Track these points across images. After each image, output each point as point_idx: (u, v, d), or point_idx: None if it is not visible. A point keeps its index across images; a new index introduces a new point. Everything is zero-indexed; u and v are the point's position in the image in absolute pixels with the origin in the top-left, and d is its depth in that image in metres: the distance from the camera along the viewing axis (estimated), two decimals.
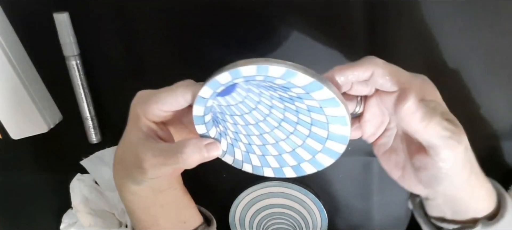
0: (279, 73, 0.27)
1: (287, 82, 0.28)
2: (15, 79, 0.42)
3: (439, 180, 0.31)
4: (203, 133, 0.32)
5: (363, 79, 0.30)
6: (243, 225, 0.56)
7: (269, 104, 0.33)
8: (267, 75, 0.27)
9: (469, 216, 0.34)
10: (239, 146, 0.35)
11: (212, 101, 0.30)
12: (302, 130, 0.33)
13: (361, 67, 0.30)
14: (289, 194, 0.52)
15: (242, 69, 0.27)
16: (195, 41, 0.43)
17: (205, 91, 0.29)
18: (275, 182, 0.51)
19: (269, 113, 0.34)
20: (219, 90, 0.29)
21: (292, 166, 0.35)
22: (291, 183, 0.51)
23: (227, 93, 0.31)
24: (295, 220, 0.55)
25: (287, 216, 0.55)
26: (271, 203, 0.54)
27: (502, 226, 0.33)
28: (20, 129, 0.46)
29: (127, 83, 0.46)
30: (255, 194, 0.52)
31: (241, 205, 0.53)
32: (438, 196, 0.34)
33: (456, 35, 0.40)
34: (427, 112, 0.28)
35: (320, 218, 0.53)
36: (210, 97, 0.29)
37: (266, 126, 0.34)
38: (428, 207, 0.37)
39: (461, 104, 0.44)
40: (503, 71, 0.42)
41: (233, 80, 0.28)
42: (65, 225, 0.53)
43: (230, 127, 0.34)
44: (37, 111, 0.44)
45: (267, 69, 0.26)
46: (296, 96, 0.30)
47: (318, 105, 0.30)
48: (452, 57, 0.41)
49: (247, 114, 0.34)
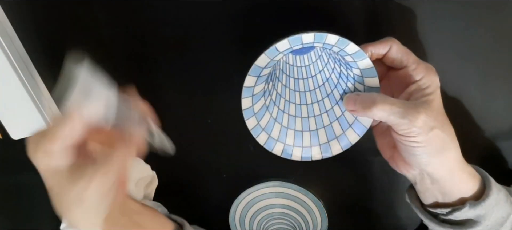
0: (334, 41, 0.32)
1: (340, 50, 0.34)
2: (15, 79, 0.42)
3: (413, 154, 0.35)
4: (248, 106, 0.36)
5: (382, 53, 0.36)
6: (243, 225, 0.56)
7: (327, 76, 0.39)
8: (324, 43, 0.33)
9: (457, 198, 0.38)
10: (280, 120, 0.39)
11: (282, 56, 0.34)
12: (339, 108, 0.40)
13: (381, 43, 0.35)
14: (289, 194, 0.52)
15: (303, 36, 0.32)
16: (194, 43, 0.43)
17: (262, 60, 0.33)
18: (275, 182, 0.51)
19: (321, 85, 0.40)
20: (277, 57, 0.34)
21: (321, 144, 0.40)
22: (291, 183, 0.51)
23: (302, 52, 0.39)
24: (295, 220, 0.55)
25: (287, 216, 0.55)
26: (271, 203, 0.54)
27: (489, 204, 0.37)
28: (20, 129, 0.46)
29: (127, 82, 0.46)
30: (255, 194, 0.52)
31: (241, 205, 0.53)
32: (424, 178, 0.38)
33: (456, 35, 0.40)
34: (372, 101, 0.34)
35: (320, 218, 0.53)
36: (265, 66, 0.33)
37: (310, 98, 0.40)
38: (422, 196, 0.41)
39: (460, 104, 0.44)
40: (502, 71, 0.42)
41: (292, 47, 0.33)
42: (65, 225, 0.53)
43: (278, 88, 0.39)
44: (37, 111, 0.44)
45: (324, 37, 0.32)
46: (346, 69, 0.37)
47: (360, 73, 0.36)
48: (452, 57, 0.41)
49: (303, 79, 0.40)
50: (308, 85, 0.40)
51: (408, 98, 0.35)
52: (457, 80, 0.43)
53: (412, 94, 0.35)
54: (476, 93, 0.43)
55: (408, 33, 0.40)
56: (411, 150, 0.35)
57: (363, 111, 0.35)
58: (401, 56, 0.35)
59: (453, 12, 0.39)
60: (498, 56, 0.41)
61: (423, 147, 0.34)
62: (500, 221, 0.38)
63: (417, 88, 0.35)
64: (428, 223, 0.41)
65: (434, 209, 0.40)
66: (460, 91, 0.43)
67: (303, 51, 0.39)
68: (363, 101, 0.35)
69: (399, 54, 0.35)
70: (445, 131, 0.35)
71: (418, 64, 0.35)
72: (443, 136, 0.34)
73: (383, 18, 0.40)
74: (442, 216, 0.39)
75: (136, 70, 0.45)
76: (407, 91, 0.36)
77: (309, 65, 0.40)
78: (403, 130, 0.34)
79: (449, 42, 0.41)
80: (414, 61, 0.35)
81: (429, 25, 0.40)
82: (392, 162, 0.40)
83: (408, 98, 0.35)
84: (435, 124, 0.34)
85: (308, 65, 0.39)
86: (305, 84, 0.40)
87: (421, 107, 0.33)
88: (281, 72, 0.40)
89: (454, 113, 0.36)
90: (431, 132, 0.34)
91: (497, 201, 0.37)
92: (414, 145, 0.34)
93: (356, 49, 0.33)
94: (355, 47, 0.33)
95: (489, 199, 0.37)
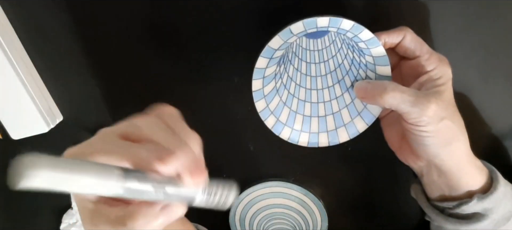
0: (348, 26, 0.32)
1: (355, 36, 0.33)
2: (15, 79, 0.42)
3: (422, 144, 0.35)
4: (258, 88, 0.36)
5: (396, 42, 0.35)
6: (243, 225, 0.56)
7: (339, 62, 0.39)
8: (339, 28, 0.33)
9: (464, 191, 0.38)
10: (290, 104, 0.39)
11: (295, 39, 0.34)
12: (350, 96, 0.40)
13: (395, 31, 0.35)
14: (289, 194, 0.52)
15: (318, 20, 0.32)
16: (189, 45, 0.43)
17: (275, 41, 0.33)
18: (275, 182, 0.51)
19: (333, 71, 0.40)
20: (291, 40, 0.33)
21: (329, 131, 0.40)
22: (291, 183, 0.51)
23: (316, 36, 0.38)
24: (295, 220, 0.55)
25: (287, 216, 0.55)
26: (271, 203, 0.54)
27: (496, 197, 0.37)
28: (20, 129, 0.46)
29: (128, 82, 0.46)
30: (255, 194, 0.52)
31: (241, 205, 0.53)
32: (432, 170, 0.38)
33: (456, 35, 0.40)
34: (385, 88, 0.33)
35: (320, 218, 0.53)
36: (278, 48, 0.33)
37: (321, 83, 0.40)
38: (428, 189, 0.40)
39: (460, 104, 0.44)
40: (503, 71, 0.42)
41: (306, 30, 0.33)
42: (65, 225, 0.53)
43: (290, 71, 0.39)
44: (37, 111, 0.44)
45: (340, 22, 0.32)
46: (358, 56, 0.37)
47: (372, 61, 0.36)
48: (452, 57, 0.41)
49: (315, 63, 0.40)
50: (319, 70, 0.40)
51: (419, 88, 0.35)
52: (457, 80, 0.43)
53: (423, 84, 0.35)
54: (476, 93, 0.43)
55: (412, 30, 0.40)
56: (421, 140, 0.35)
57: (373, 98, 0.35)
58: (414, 45, 0.35)
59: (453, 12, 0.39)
60: (498, 56, 0.41)
61: (433, 137, 0.34)
62: (508, 215, 0.37)
63: (429, 79, 0.35)
64: (434, 218, 0.40)
65: (440, 203, 0.39)
66: (460, 91, 0.43)
67: (317, 35, 0.39)
68: (374, 88, 0.35)
69: (412, 43, 0.35)
70: (455, 122, 0.35)
71: (431, 55, 0.35)
72: (452, 127, 0.34)
73: (384, 19, 0.40)
74: (449, 210, 0.39)
75: (136, 70, 0.45)
76: (418, 81, 0.35)
77: (322, 49, 0.39)
78: (413, 119, 0.33)
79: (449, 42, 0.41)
80: (427, 51, 0.35)
81: (429, 25, 0.40)
82: (400, 153, 0.40)
83: (419, 88, 0.35)
84: (445, 114, 0.33)
85: (321, 49, 0.39)
86: (317, 69, 0.40)
87: (432, 97, 0.33)
88: (294, 55, 0.40)
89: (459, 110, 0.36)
90: (441, 122, 0.33)
91: (504, 195, 0.37)
92: (423, 135, 0.34)
93: (370, 36, 0.33)
94: (370, 34, 0.33)
95: (497, 192, 0.36)
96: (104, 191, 0.21)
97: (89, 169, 0.21)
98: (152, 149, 0.23)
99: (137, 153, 0.23)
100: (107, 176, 0.21)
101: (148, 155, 0.23)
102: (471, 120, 0.44)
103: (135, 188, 0.22)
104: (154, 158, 0.22)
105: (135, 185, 0.22)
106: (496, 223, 0.37)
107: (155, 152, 0.23)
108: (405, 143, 0.39)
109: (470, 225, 0.37)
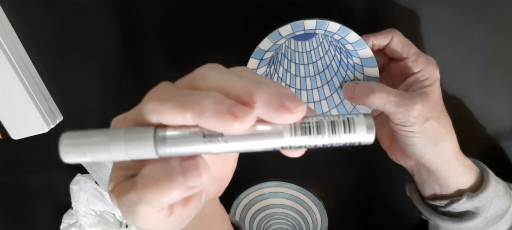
0: (335, 29, 0.33)
1: (342, 38, 0.34)
2: (15, 79, 0.42)
3: (409, 144, 0.36)
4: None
5: (384, 44, 0.36)
6: (243, 225, 0.56)
7: (327, 63, 0.40)
8: (326, 30, 0.34)
9: (454, 189, 0.38)
10: None
11: (284, 41, 0.35)
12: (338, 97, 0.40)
13: (383, 34, 0.36)
14: (289, 194, 0.52)
15: (306, 22, 0.33)
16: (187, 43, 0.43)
17: (265, 43, 0.34)
18: (275, 182, 0.51)
19: (321, 72, 0.40)
20: (280, 42, 0.34)
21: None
22: (291, 183, 0.51)
23: (304, 38, 0.39)
24: (295, 220, 0.55)
25: (287, 216, 0.55)
26: (271, 203, 0.54)
27: (487, 196, 0.37)
28: (20, 129, 0.46)
29: (128, 82, 0.46)
30: (255, 194, 0.52)
31: (241, 205, 0.53)
32: (421, 169, 0.39)
33: (455, 35, 0.40)
34: (372, 89, 0.34)
35: (320, 218, 0.53)
36: (268, 49, 0.35)
37: (310, 83, 0.41)
38: (421, 188, 0.41)
39: (460, 104, 0.44)
40: (502, 71, 0.42)
41: (294, 32, 0.34)
42: (65, 225, 0.53)
43: (280, 72, 0.40)
44: (37, 111, 0.44)
45: (326, 24, 0.33)
46: (346, 57, 0.37)
47: (360, 62, 0.36)
48: (452, 57, 0.41)
49: (303, 64, 0.40)
50: (308, 71, 0.41)
51: (407, 89, 0.36)
52: (457, 80, 0.43)
53: (410, 85, 0.35)
54: (476, 94, 0.43)
55: (408, 32, 0.40)
56: (407, 140, 0.36)
57: (360, 99, 0.35)
58: (402, 47, 0.36)
59: (453, 12, 0.39)
60: (498, 56, 0.41)
61: (419, 137, 0.35)
62: (500, 213, 0.38)
63: (416, 80, 0.35)
64: (429, 216, 0.41)
65: (433, 201, 0.40)
66: (460, 91, 0.43)
67: (305, 37, 0.40)
68: (361, 89, 0.35)
69: (400, 45, 0.36)
70: (441, 123, 0.35)
71: (418, 56, 0.35)
72: (438, 127, 0.35)
73: (382, 18, 0.40)
74: (442, 208, 0.40)
75: (136, 70, 0.45)
76: (406, 82, 0.36)
77: (311, 51, 0.40)
78: (399, 119, 0.34)
79: (449, 42, 0.41)
80: (414, 53, 0.36)
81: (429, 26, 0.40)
82: (391, 152, 0.41)
83: (407, 89, 0.36)
84: (431, 115, 0.34)
85: (310, 51, 0.40)
86: (306, 70, 0.41)
87: (417, 98, 0.34)
88: (283, 57, 0.40)
89: (454, 113, 0.36)
90: (427, 123, 0.34)
91: (495, 193, 0.37)
92: (409, 135, 0.35)
93: (357, 38, 0.34)
94: (356, 36, 0.34)
95: (487, 190, 0.37)
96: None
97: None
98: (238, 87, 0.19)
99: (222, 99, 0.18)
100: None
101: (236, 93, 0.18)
102: (469, 121, 0.45)
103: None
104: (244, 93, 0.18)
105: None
106: (488, 222, 0.38)
107: (242, 87, 0.19)
108: (395, 143, 0.40)
109: (462, 223, 0.38)
